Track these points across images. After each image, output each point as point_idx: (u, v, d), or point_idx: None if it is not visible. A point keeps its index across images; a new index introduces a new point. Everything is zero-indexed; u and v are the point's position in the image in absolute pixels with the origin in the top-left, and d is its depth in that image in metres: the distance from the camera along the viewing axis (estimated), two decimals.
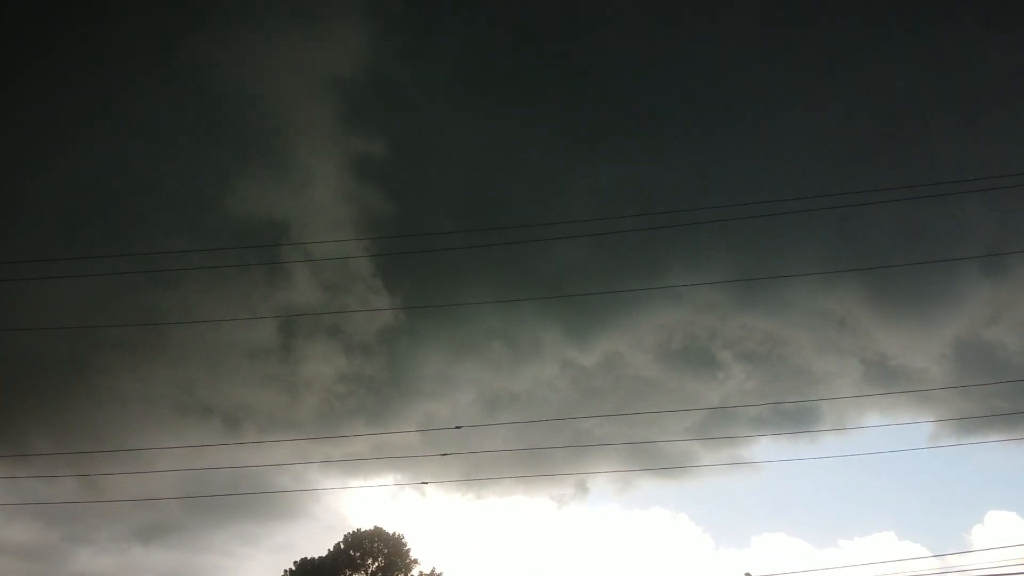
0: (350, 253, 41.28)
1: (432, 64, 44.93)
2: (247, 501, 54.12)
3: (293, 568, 54.89)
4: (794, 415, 45.38)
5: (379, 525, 56.76)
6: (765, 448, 58.71)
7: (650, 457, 44.39)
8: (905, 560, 31.82)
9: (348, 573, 54.92)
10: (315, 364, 47.92)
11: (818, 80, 48.74)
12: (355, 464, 37.89)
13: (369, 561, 55.65)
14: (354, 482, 57.64)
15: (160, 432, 40.40)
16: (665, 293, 43.79)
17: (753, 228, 37.10)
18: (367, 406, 48.21)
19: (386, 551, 56.06)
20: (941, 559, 32.40)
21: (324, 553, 55.47)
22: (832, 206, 27.06)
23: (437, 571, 55.78)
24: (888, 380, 49.79)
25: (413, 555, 56.02)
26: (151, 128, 45.54)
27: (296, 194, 43.66)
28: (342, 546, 55.81)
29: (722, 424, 44.72)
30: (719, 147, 47.66)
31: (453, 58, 45.60)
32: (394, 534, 56.43)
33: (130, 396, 44.18)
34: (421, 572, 55.54)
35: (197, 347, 45.00)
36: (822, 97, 48.49)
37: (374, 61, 43.22)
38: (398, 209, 44.37)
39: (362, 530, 56.54)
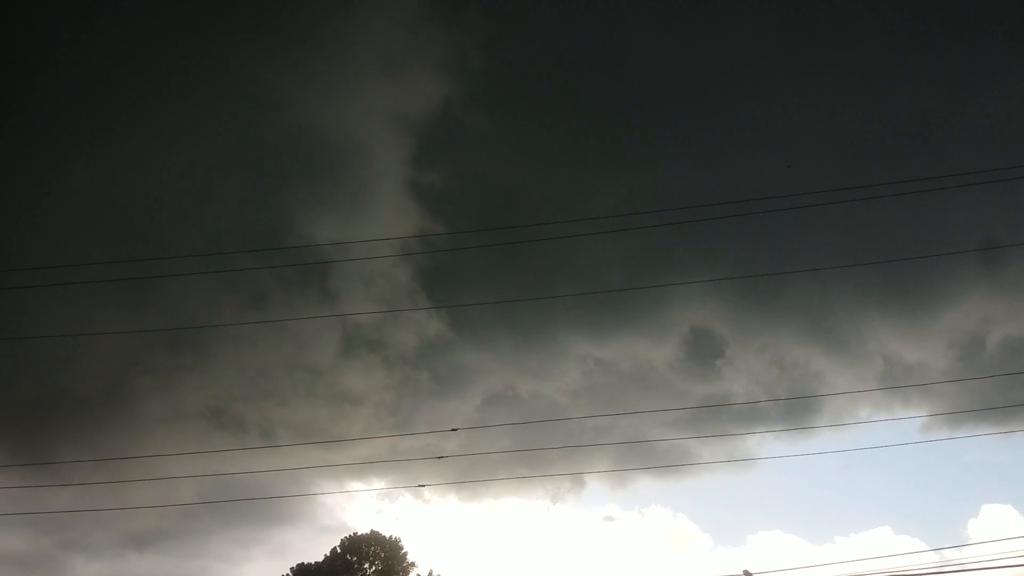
0: (396, 272, 46.28)
1: (496, 106, 51.24)
2: (243, 505, 54.09)
3: (290, 574, 54.73)
4: (789, 411, 45.62)
5: (376, 529, 56.88)
6: (761, 444, 58.86)
7: (647, 455, 44.60)
8: (902, 555, 31.81)
9: None
10: (355, 377, 50.51)
11: (821, 81, 50.92)
12: (353, 467, 37.79)
13: (366, 565, 55.53)
14: (352, 486, 57.86)
15: (187, 447, 41.23)
16: (674, 292, 45.35)
17: (753, 228, 38.53)
18: (401, 412, 49.94)
19: (383, 555, 55.96)
20: (938, 553, 32.52)
21: (321, 558, 55.43)
22: (827, 202, 27.26)
23: (435, 574, 55.78)
24: (884, 376, 50.08)
25: (410, 558, 56.07)
26: (230, 159, 49.68)
27: (361, 223, 47.10)
28: (339, 550, 55.69)
29: (718, 421, 44.93)
30: (726, 152, 50.79)
31: (515, 101, 52.25)
32: (391, 537, 56.41)
33: (169, 412, 47.12)
34: (418, 575, 55.56)
35: (237, 365, 47.78)
36: (823, 98, 50.81)
37: (449, 106, 49.18)
38: (449, 231, 48.46)
39: (359, 534, 56.52)
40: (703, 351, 52.93)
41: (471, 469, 36.55)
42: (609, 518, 65.82)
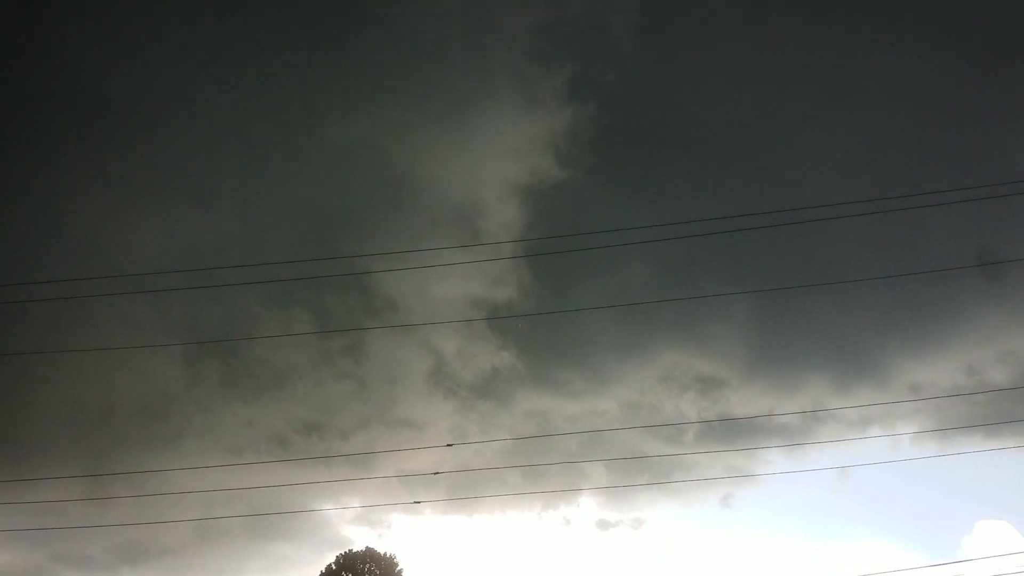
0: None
1: (598, 177, 56.76)
2: (237, 519, 54.09)
3: None
4: (787, 424, 45.74)
5: (372, 545, 56.69)
6: (757, 457, 58.75)
7: (644, 469, 44.82)
8: (900, 571, 32.08)
9: None
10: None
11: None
12: (350, 483, 37.73)
13: None
14: (349, 501, 57.73)
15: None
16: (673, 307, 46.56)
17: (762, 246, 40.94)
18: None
19: (378, 573, 55.76)
20: (934, 568, 32.68)
21: (316, 573, 55.28)
22: (823, 217, 27.65)
23: None
24: (890, 393, 50.12)
25: (405, 575, 55.89)
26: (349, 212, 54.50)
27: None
28: (334, 567, 55.49)
29: (717, 433, 45.42)
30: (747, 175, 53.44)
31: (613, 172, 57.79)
32: (386, 554, 56.22)
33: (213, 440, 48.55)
34: None
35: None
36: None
37: (554, 175, 55.38)
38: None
39: (354, 551, 56.30)
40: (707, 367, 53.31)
41: (470, 484, 36.72)
42: (604, 523, 65.63)
